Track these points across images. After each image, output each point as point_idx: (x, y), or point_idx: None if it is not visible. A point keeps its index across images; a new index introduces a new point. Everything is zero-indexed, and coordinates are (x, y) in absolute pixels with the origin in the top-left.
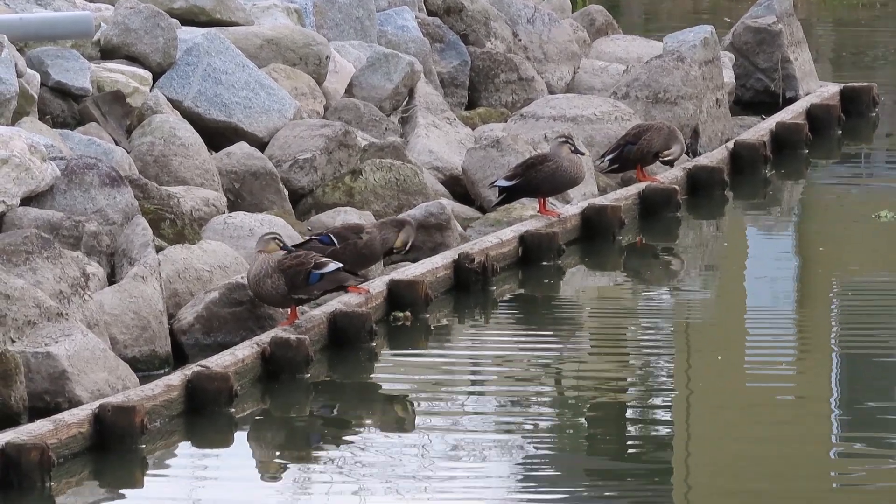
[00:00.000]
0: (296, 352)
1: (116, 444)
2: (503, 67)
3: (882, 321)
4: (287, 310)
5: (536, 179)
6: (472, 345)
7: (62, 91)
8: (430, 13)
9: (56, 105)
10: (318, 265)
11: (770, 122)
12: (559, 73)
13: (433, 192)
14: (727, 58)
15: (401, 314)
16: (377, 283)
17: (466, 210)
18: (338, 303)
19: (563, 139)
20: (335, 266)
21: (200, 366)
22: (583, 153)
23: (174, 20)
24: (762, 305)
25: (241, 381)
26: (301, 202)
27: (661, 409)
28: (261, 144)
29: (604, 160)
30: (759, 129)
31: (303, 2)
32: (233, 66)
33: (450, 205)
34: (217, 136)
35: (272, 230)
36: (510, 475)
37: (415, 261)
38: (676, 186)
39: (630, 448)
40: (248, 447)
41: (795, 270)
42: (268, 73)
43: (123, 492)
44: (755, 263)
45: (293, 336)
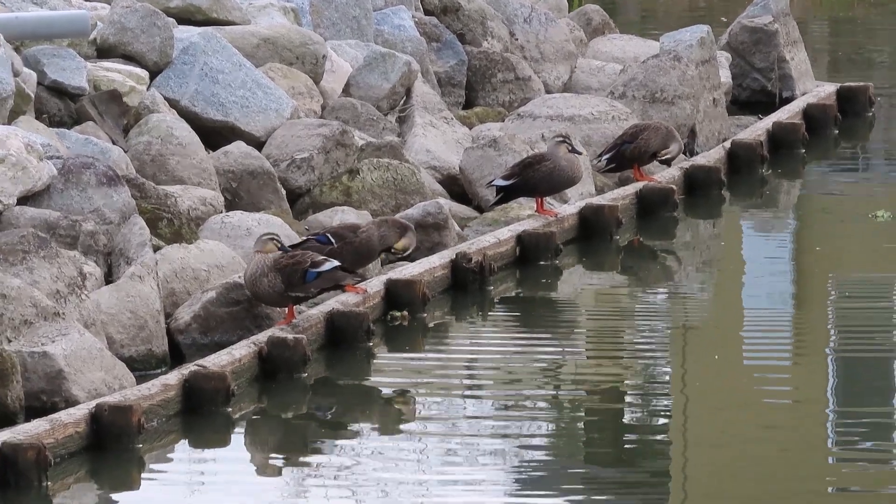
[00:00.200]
0: (293, 351)
1: (113, 444)
2: (500, 67)
3: (880, 322)
4: (284, 309)
5: (534, 179)
6: (470, 345)
7: (59, 90)
8: (427, 12)
9: (53, 104)
10: (315, 263)
11: (767, 122)
12: (556, 73)
13: (430, 192)
14: (724, 57)
15: (398, 314)
16: (374, 283)
17: (464, 209)
18: (335, 302)
19: (561, 139)
20: (332, 264)
21: (197, 365)
22: (580, 153)
23: (170, 19)
24: (759, 306)
25: (238, 381)
26: (298, 201)
27: (659, 412)
28: (258, 144)
29: (601, 159)
30: (756, 129)
31: (299, 1)
32: (229, 66)
33: (447, 204)
34: (214, 136)
35: (270, 231)
36: (506, 479)
37: (412, 260)
38: (673, 186)
39: (627, 451)
40: (245, 447)
41: (792, 270)
42: (265, 73)
43: (120, 492)
44: (752, 263)
45: (290, 335)
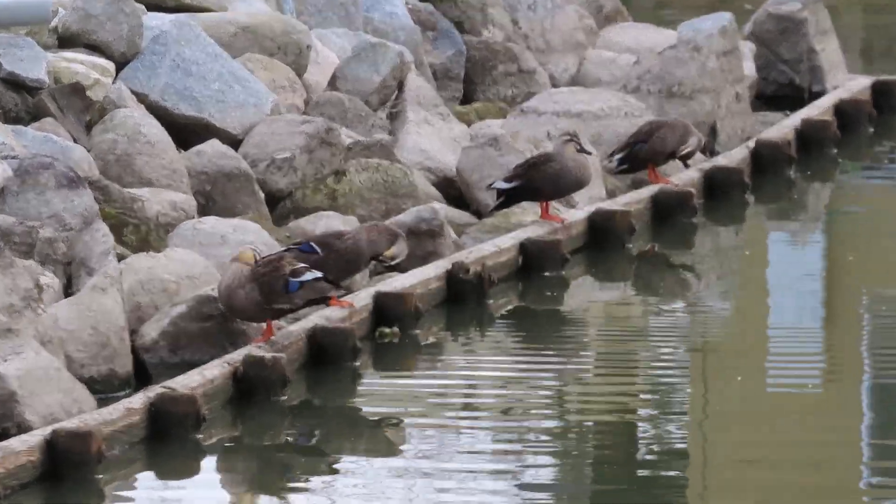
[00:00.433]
0: (271, 371)
1: (71, 474)
2: (502, 58)
3: None
4: (262, 325)
5: (538, 181)
6: (467, 365)
7: (15, 83)
8: None
9: (8, 98)
10: (296, 272)
11: (795, 119)
12: (563, 65)
13: (424, 195)
14: (748, 48)
15: (388, 330)
16: (362, 296)
17: (461, 215)
18: (318, 317)
19: (568, 137)
20: (314, 274)
21: (165, 387)
22: (589, 153)
23: (139, 5)
24: (786, 322)
25: (210, 404)
26: (279, 206)
27: (675, 439)
28: (234, 142)
29: (612, 160)
30: (783, 127)
31: None
32: (204, 57)
33: (443, 209)
34: (186, 133)
35: (252, 244)
36: None
37: (404, 271)
38: (692, 189)
39: (640, 482)
40: (217, 477)
41: (823, 283)
42: (242, 64)
43: None
44: (779, 275)
45: (268, 354)
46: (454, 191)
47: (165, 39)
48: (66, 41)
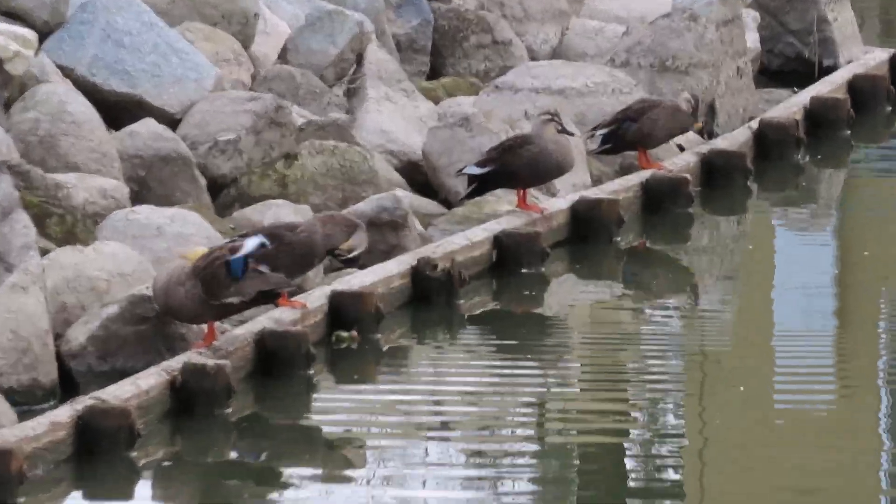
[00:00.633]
0: (214, 381)
1: None
2: (474, 28)
3: None
4: (203, 328)
5: (515, 166)
6: (435, 374)
7: None
8: None
9: None
10: (235, 249)
11: (803, 97)
12: (543, 36)
13: (386, 182)
14: (751, 17)
15: (345, 334)
16: (316, 296)
17: (428, 204)
18: (266, 319)
19: (548, 116)
20: (256, 241)
21: (94, 398)
22: (572, 134)
23: None
24: (794, 326)
25: (146, 418)
26: (222, 194)
27: (669, 461)
28: (172, 122)
29: (594, 135)
30: (791, 105)
31: None
32: (138, 26)
33: (407, 197)
34: (118, 112)
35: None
36: None
37: (363, 267)
38: (688, 175)
39: None
40: (153, 500)
41: (835, 282)
42: (181, 34)
43: None
44: (785, 272)
45: (210, 361)
46: (420, 177)
47: (94, 7)
48: None
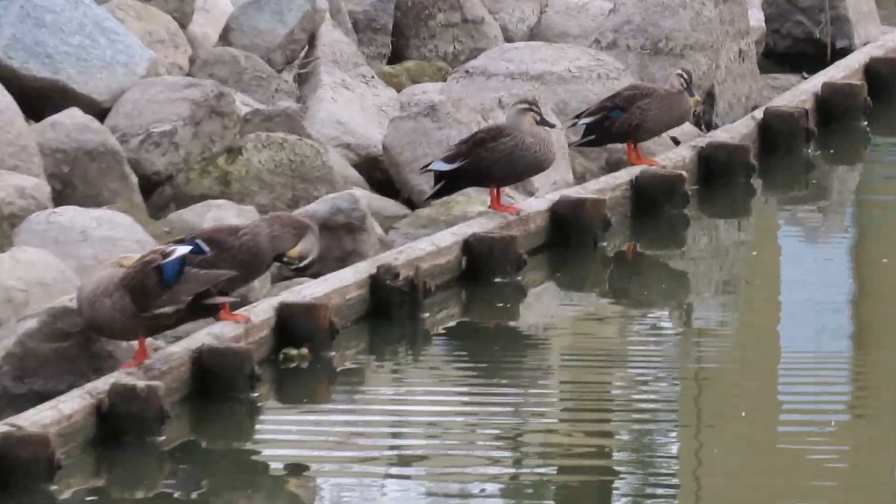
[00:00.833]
0: (145, 404)
1: None
2: (441, 5)
3: None
4: (134, 345)
5: (487, 161)
6: (395, 398)
7: None
8: None
9: None
10: (167, 254)
11: (814, 83)
12: (519, 13)
13: (342, 180)
14: None
15: (294, 352)
16: (262, 308)
17: (389, 205)
18: (205, 335)
19: (525, 106)
20: (188, 247)
21: (9, 424)
22: (552, 125)
23: None
24: (802, 344)
25: (68, 447)
26: (156, 193)
27: (661, 498)
28: (100, 111)
29: (577, 123)
30: (799, 93)
31: None
32: (61, 3)
33: (365, 197)
34: (38, 101)
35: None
36: None
37: (316, 276)
38: (683, 172)
39: None
40: None
41: (850, 293)
42: (110, 12)
43: None
44: (793, 283)
45: (141, 382)
46: (380, 174)
47: None
48: None
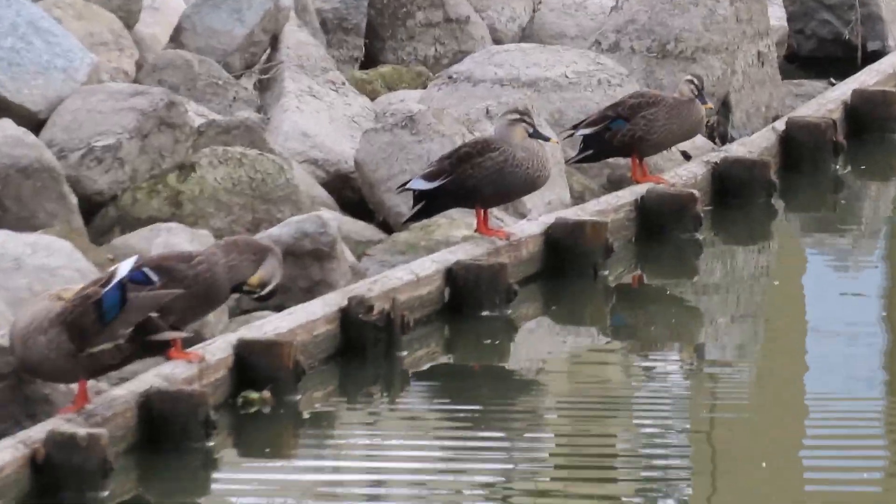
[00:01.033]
0: (86, 455)
1: None
2: (421, 2)
3: None
4: (74, 387)
5: (474, 179)
6: (369, 447)
7: None
8: None
9: None
10: (108, 280)
11: (843, 90)
12: (509, 12)
13: (308, 200)
14: None
15: (255, 395)
16: (218, 345)
17: (362, 228)
18: (154, 376)
19: (517, 116)
20: (130, 264)
21: None
22: (547, 139)
23: None
24: (831, 388)
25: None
26: (98, 215)
27: None
28: (35, 123)
29: (575, 134)
30: (826, 101)
31: None
32: None
33: (335, 220)
34: None
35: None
36: None
37: (279, 309)
38: (695, 191)
39: None
40: None
41: (884, 329)
42: (46, 11)
43: None
44: (820, 317)
45: (82, 430)
46: (352, 193)
47: None
48: None
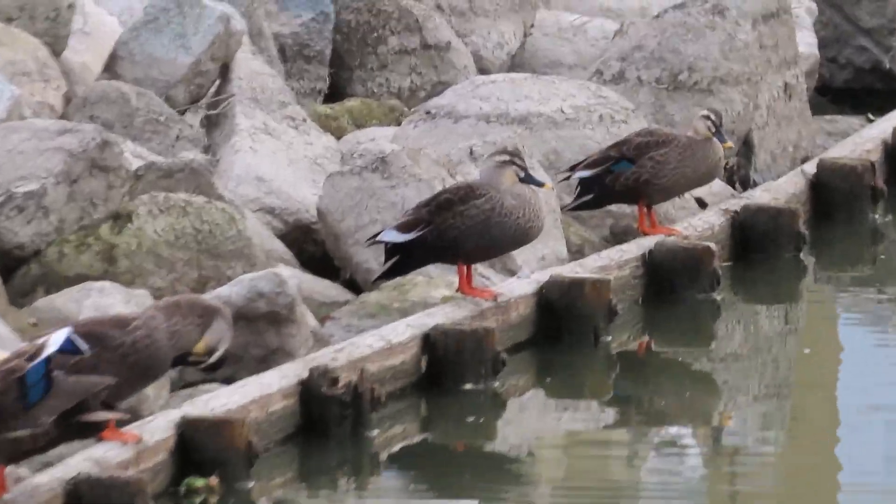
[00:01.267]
0: None
1: None
2: (395, 26)
3: None
4: None
5: (455, 230)
6: None
7: None
8: None
9: None
10: (35, 355)
11: (883, 127)
12: (497, 37)
13: (263, 255)
14: (805, 9)
15: (201, 482)
16: (158, 424)
17: (325, 287)
18: (83, 460)
19: (506, 158)
20: (62, 336)
21: None
22: (540, 184)
23: None
24: (870, 472)
25: None
26: (19, 272)
27: None
28: None
29: (572, 176)
30: (864, 140)
31: None
32: None
33: (294, 277)
34: None
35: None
36: None
37: (229, 381)
38: (712, 245)
39: None
40: None
41: None
42: None
43: None
44: (856, 390)
45: None
46: (313, 247)
47: None
48: None
